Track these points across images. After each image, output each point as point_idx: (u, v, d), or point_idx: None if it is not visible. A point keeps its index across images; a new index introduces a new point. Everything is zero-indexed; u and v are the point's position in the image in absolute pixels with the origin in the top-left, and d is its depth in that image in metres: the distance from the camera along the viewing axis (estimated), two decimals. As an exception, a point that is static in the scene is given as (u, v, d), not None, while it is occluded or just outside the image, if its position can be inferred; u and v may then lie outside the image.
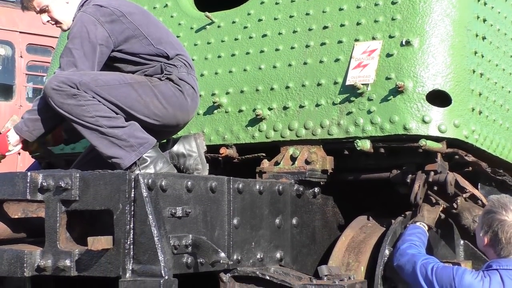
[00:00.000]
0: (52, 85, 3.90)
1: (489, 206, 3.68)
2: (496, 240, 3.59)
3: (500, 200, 3.64)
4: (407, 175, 4.28)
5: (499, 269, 3.58)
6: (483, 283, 3.54)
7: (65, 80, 3.91)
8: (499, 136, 4.64)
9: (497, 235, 3.58)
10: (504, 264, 3.59)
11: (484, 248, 3.71)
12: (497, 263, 3.61)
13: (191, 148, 4.34)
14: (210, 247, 3.33)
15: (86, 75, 3.96)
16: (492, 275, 3.57)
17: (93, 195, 3.23)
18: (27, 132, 4.10)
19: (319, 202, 4.49)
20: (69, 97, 3.90)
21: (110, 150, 3.94)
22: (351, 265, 4.15)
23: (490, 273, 3.59)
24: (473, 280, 3.55)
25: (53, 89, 3.90)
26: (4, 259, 3.28)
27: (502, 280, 3.54)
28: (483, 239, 3.66)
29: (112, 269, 3.15)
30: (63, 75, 3.96)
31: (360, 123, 4.25)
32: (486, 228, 3.63)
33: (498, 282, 3.53)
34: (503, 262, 3.60)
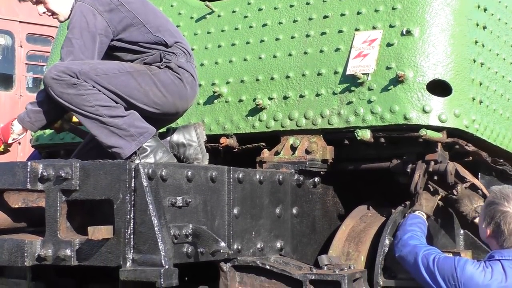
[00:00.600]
0: (51, 74, 3.90)
1: (491, 197, 3.67)
2: (498, 232, 3.59)
3: (502, 191, 3.64)
4: (407, 164, 4.28)
5: (501, 260, 3.58)
6: (485, 274, 3.54)
7: (65, 69, 3.90)
8: (500, 126, 4.64)
9: (500, 226, 3.57)
10: (507, 255, 3.59)
11: (487, 239, 3.71)
12: (500, 254, 3.61)
13: (191, 138, 4.33)
14: (210, 237, 3.33)
15: (86, 64, 3.96)
16: (494, 265, 3.57)
17: (93, 184, 3.23)
18: (28, 123, 4.09)
19: (319, 191, 4.49)
20: (69, 86, 3.89)
21: (110, 140, 3.94)
22: (351, 255, 4.16)
23: (492, 263, 3.59)
24: (475, 271, 3.55)
25: (53, 78, 3.89)
26: (5, 248, 3.29)
27: (504, 270, 3.54)
28: (485, 231, 3.66)
29: (112, 259, 3.15)
30: (62, 65, 3.95)
31: (361, 112, 4.25)
32: (488, 220, 3.62)
33: (500, 273, 3.53)
34: (505, 252, 3.60)
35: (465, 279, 3.54)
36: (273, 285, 3.79)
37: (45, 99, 4.05)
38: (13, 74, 12.43)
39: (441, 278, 3.60)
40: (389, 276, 4.00)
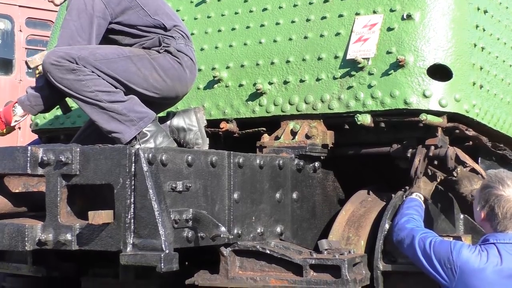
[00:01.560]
0: (50, 60, 3.89)
1: (486, 181, 3.68)
2: (492, 215, 3.60)
3: (497, 175, 3.64)
4: (407, 149, 4.28)
5: (496, 243, 3.59)
6: (480, 257, 3.55)
7: (64, 55, 3.89)
8: (500, 111, 4.64)
9: (494, 209, 3.58)
10: (501, 238, 3.60)
11: (481, 222, 3.72)
12: (494, 237, 3.62)
13: (191, 122, 4.33)
14: (210, 222, 3.34)
15: (84, 49, 3.95)
16: (489, 249, 3.58)
17: (94, 169, 3.23)
18: (28, 106, 4.09)
19: (320, 176, 4.49)
20: (68, 72, 3.88)
21: (110, 125, 3.94)
22: (351, 239, 4.16)
23: (487, 247, 3.60)
24: (470, 255, 3.57)
25: (52, 64, 3.88)
26: (5, 233, 3.29)
27: (500, 253, 3.55)
28: (479, 214, 3.67)
29: (112, 243, 3.16)
30: (61, 50, 3.94)
31: (361, 97, 4.24)
32: (483, 203, 3.63)
33: (496, 256, 3.54)
34: (500, 236, 3.61)
35: (461, 262, 3.55)
36: (273, 270, 3.80)
37: (44, 84, 4.04)
38: (12, 59, 12.41)
39: (437, 262, 3.61)
40: (389, 260, 4.01)
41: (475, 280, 3.53)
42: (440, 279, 3.63)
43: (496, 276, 3.51)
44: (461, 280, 3.55)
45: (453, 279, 3.57)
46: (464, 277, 3.54)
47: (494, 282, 3.51)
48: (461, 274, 3.55)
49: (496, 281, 3.51)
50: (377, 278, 3.97)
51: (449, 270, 3.58)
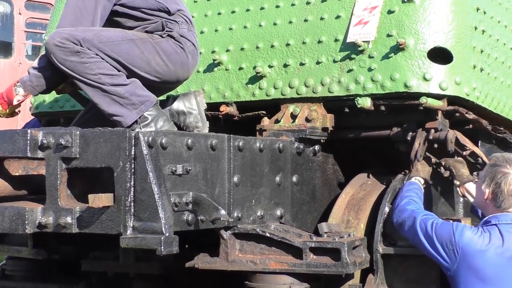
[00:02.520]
0: (54, 41, 3.87)
1: (493, 160, 3.72)
2: (498, 192, 3.63)
3: (504, 156, 3.71)
4: (407, 132, 4.28)
5: (498, 224, 3.61)
6: (483, 238, 3.57)
7: (68, 36, 3.87)
8: (500, 94, 4.63)
9: (500, 186, 3.61)
10: (503, 219, 3.62)
11: (483, 202, 3.73)
12: (496, 218, 3.64)
13: (191, 106, 4.33)
14: (210, 205, 3.34)
15: (89, 31, 3.93)
16: (492, 230, 3.60)
17: (94, 152, 3.23)
18: (30, 86, 4.06)
19: (319, 160, 4.50)
20: (72, 54, 3.87)
21: (112, 108, 3.93)
22: (351, 223, 4.17)
23: (489, 228, 3.61)
24: (473, 236, 3.58)
25: (56, 45, 3.86)
26: (6, 216, 3.30)
27: (501, 234, 3.57)
28: (484, 192, 3.68)
29: (113, 226, 3.16)
30: (65, 31, 3.92)
31: (361, 80, 4.24)
32: (488, 181, 3.66)
33: (498, 237, 3.56)
34: (502, 217, 3.63)
35: (463, 244, 3.57)
36: (273, 253, 3.81)
37: (47, 65, 4.03)
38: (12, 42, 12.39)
39: (439, 243, 3.63)
40: (388, 243, 4.02)
41: (478, 261, 3.55)
42: (441, 261, 3.65)
43: (498, 257, 3.53)
44: (463, 262, 3.57)
45: (455, 261, 3.59)
46: (466, 259, 3.56)
47: (496, 263, 3.53)
48: (463, 256, 3.57)
49: (498, 261, 3.53)
50: (377, 261, 3.98)
51: (451, 252, 3.60)
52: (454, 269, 3.61)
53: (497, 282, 3.55)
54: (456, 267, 3.60)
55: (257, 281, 3.81)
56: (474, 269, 3.56)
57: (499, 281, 3.55)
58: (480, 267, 3.55)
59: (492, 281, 3.54)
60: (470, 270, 3.56)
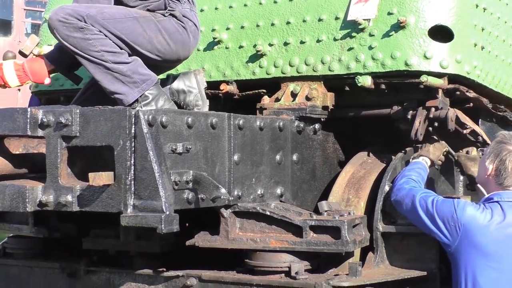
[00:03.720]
0: (58, 17, 3.85)
1: (499, 137, 3.74)
2: (501, 169, 3.64)
3: (511, 134, 3.71)
4: (408, 111, 4.28)
5: (500, 201, 3.62)
6: (485, 215, 3.58)
7: (72, 12, 3.86)
8: (501, 72, 4.62)
9: (504, 163, 3.63)
10: (505, 196, 3.63)
11: (485, 178, 3.74)
12: (498, 195, 3.65)
13: (191, 84, 4.32)
14: (210, 183, 3.35)
15: (92, 8, 3.91)
16: (494, 207, 3.61)
17: (94, 131, 3.23)
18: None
19: (320, 138, 4.49)
20: (75, 30, 3.85)
21: (114, 86, 3.92)
22: (351, 201, 4.18)
23: (491, 205, 3.62)
24: (475, 212, 3.59)
25: (59, 21, 3.84)
26: (6, 194, 3.30)
27: (503, 211, 3.58)
28: (487, 168, 3.69)
29: (113, 205, 3.17)
30: (69, 7, 3.90)
31: (361, 59, 4.23)
32: (493, 158, 3.68)
33: (500, 214, 3.58)
34: (504, 194, 3.64)
35: (465, 220, 3.58)
36: (273, 231, 3.82)
37: None
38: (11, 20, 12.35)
39: (441, 220, 3.64)
40: (388, 221, 4.03)
41: (479, 237, 3.56)
42: (442, 238, 3.66)
43: (499, 233, 3.55)
44: (464, 238, 3.58)
45: (457, 237, 3.60)
46: (468, 235, 3.57)
47: (498, 239, 3.55)
48: (465, 232, 3.58)
49: (500, 238, 3.55)
50: (377, 239, 4.00)
51: (452, 228, 3.61)
52: (455, 246, 3.62)
53: (498, 259, 3.56)
54: (457, 244, 3.61)
55: (257, 259, 3.82)
56: (476, 245, 3.57)
57: (501, 257, 3.56)
58: (481, 243, 3.57)
59: (494, 257, 3.56)
60: (472, 246, 3.57)
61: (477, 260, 3.58)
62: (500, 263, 3.57)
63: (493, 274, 3.57)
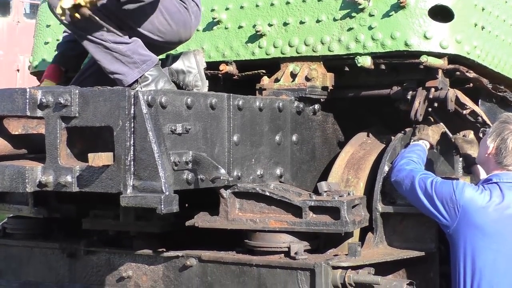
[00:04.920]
0: None
1: (503, 118, 3.78)
2: (502, 148, 3.65)
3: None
4: (407, 91, 4.27)
5: (499, 182, 3.63)
6: (484, 196, 3.59)
7: None
8: (501, 52, 4.61)
9: (505, 142, 3.65)
10: (504, 178, 3.64)
11: (486, 158, 3.74)
12: (497, 176, 3.65)
13: (191, 65, 4.30)
14: (210, 164, 3.35)
15: None
16: (492, 188, 3.62)
17: (93, 111, 3.22)
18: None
19: (319, 119, 4.49)
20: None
21: (113, 66, 3.91)
22: (351, 181, 4.18)
23: (490, 186, 3.63)
24: (474, 193, 3.60)
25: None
26: (6, 174, 3.30)
27: (502, 192, 3.59)
28: (488, 147, 3.70)
29: (113, 185, 3.17)
30: None
31: (361, 39, 4.21)
32: (494, 136, 3.70)
33: (498, 195, 3.59)
34: (503, 175, 3.65)
35: (464, 201, 3.59)
36: (273, 211, 3.83)
37: None
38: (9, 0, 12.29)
39: (439, 201, 3.65)
40: (388, 202, 4.03)
41: (478, 218, 3.58)
42: (441, 219, 3.67)
43: (498, 214, 3.56)
44: (463, 219, 3.59)
45: (455, 218, 3.61)
46: (467, 216, 3.59)
47: (496, 220, 3.56)
48: (463, 213, 3.59)
49: (498, 219, 3.56)
50: (376, 219, 4.00)
51: (451, 209, 3.62)
52: (454, 227, 3.63)
53: (496, 239, 3.58)
54: (456, 225, 3.62)
55: (257, 240, 3.83)
56: (474, 226, 3.58)
57: (499, 238, 3.58)
58: (480, 224, 3.58)
59: (492, 238, 3.57)
60: (470, 227, 3.59)
61: (476, 241, 3.59)
62: (498, 244, 3.58)
63: (492, 254, 3.58)
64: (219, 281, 3.85)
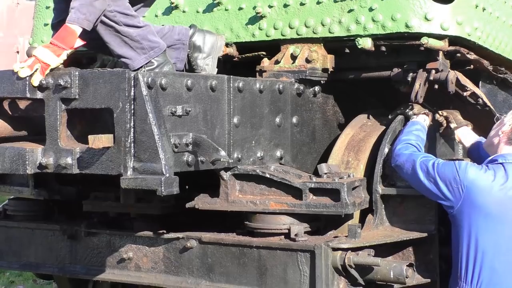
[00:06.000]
0: None
1: None
2: None
3: None
4: (408, 73, 4.27)
5: (504, 163, 3.62)
6: (487, 176, 3.59)
7: None
8: (502, 34, 4.59)
9: None
10: (510, 158, 3.64)
11: (498, 135, 3.74)
12: (502, 157, 3.65)
13: (210, 47, 4.25)
14: (210, 146, 3.35)
15: None
16: (497, 168, 3.61)
17: (93, 93, 3.22)
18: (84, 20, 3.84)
19: (320, 101, 4.49)
20: None
21: (122, 50, 3.87)
22: (351, 163, 4.18)
23: (494, 166, 3.63)
24: (477, 172, 3.60)
25: None
26: (6, 156, 3.31)
27: (506, 172, 3.58)
28: (504, 124, 3.73)
29: (113, 167, 3.17)
30: None
31: (362, 21, 4.20)
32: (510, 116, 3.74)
33: (502, 175, 3.58)
34: (508, 156, 3.65)
35: (468, 181, 3.59)
36: (273, 193, 3.83)
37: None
38: (9, -18, 12.24)
39: (443, 182, 3.65)
40: (388, 184, 4.04)
41: (482, 198, 3.58)
42: (445, 200, 3.67)
43: (502, 194, 3.56)
44: (467, 198, 3.60)
45: (460, 198, 3.61)
46: (471, 196, 3.59)
47: (500, 201, 3.57)
48: (467, 193, 3.59)
49: (502, 199, 3.56)
50: (376, 201, 4.01)
51: (455, 190, 3.62)
52: (458, 207, 3.63)
53: (500, 220, 3.58)
54: (460, 205, 3.62)
55: (257, 222, 3.84)
56: (479, 206, 3.58)
57: (503, 218, 3.58)
58: (484, 204, 3.58)
59: (496, 218, 3.58)
60: (475, 207, 3.59)
61: (480, 221, 3.59)
62: (502, 224, 3.58)
63: (494, 235, 3.59)
64: (219, 263, 3.86)
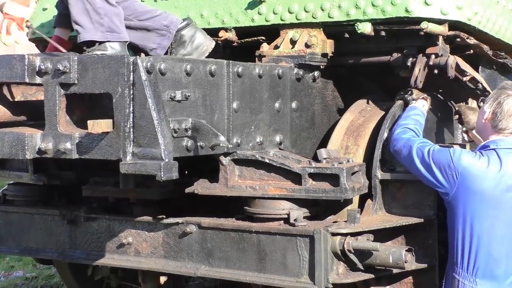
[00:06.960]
0: None
1: (502, 85, 3.77)
2: (498, 112, 3.65)
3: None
4: (407, 58, 4.26)
5: (496, 149, 3.63)
6: (481, 162, 3.59)
7: None
8: (502, 18, 4.58)
9: (501, 106, 3.65)
10: (502, 144, 3.64)
11: (482, 124, 3.73)
12: (494, 143, 3.66)
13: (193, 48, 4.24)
14: (209, 131, 3.34)
15: None
16: (490, 154, 3.62)
17: (92, 78, 3.21)
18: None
19: (319, 86, 4.48)
20: None
21: (80, 16, 3.82)
22: (350, 149, 4.18)
23: (487, 152, 3.63)
24: (472, 159, 3.61)
25: None
26: (5, 141, 3.30)
27: (500, 159, 3.59)
28: (485, 112, 3.70)
29: (112, 152, 3.17)
30: None
31: (361, 5, 4.18)
32: (491, 102, 3.70)
33: (496, 162, 3.59)
34: (500, 142, 3.65)
35: (462, 168, 3.59)
36: (272, 178, 3.83)
37: None
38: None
39: (437, 169, 3.65)
40: (387, 169, 4.04)
41: (477, 184, 3.58)
42: (439, 187, 3.67)
43: (496, 180, 3.56)
44: (462, 185, 3.60)
45: (454, 185, 3.62)
46: (466, 182, 3.59)
47: (495, 187, 3.57)
48: (462, 180, 3.59)
49: (497, 185, 3.56)
50: (375, 186, 4.01)
51: (450, 176, 3.62)
52: (452, 194, 3.64)
53: (494, 205, 3.58)
54: (455, 192, 3.63)
55: (256, 206, 3.84)
56: (473, 192, 3.59)
57: (497, 204, 3.58)
58: (479, 190, 3.58)
59: (490, 204, 3.58)
60: (469, 193, 3.59)
61: (475, 207, 3.60)
62: (496, 210, 3.59)
63: (490, 220, 3.60)
64: (219, 248, 3.87)
